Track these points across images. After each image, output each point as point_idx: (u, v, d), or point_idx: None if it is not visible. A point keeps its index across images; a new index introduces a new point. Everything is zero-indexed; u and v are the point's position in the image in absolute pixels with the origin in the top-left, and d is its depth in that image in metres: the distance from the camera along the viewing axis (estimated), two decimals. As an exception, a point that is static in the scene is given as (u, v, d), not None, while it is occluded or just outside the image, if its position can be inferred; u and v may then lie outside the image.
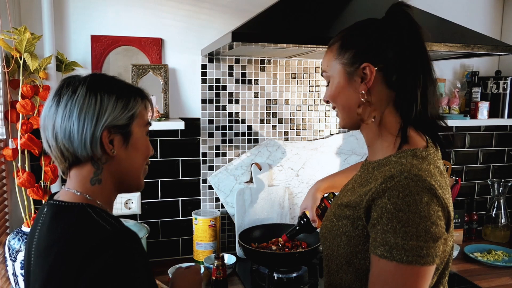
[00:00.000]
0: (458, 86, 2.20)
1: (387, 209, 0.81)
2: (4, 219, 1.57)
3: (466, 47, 1.54)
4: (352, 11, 1.57)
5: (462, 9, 2.21)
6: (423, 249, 0.79)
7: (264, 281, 1.64)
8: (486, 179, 2.35)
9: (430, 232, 0.79)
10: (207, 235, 1.84)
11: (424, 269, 0.80)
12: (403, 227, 0.79)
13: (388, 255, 0.80)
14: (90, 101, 0.84)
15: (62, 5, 1.70)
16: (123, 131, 0.88)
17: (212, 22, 1.87)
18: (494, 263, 1.89)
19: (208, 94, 1.91)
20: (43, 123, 0.87)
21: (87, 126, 0.83)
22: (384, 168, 0.89)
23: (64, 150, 0.85)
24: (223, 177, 1.95)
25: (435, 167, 0.87)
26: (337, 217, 0.95)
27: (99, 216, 0.82)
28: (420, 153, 0.89)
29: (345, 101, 0.96)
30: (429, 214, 0.80)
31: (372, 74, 0.90)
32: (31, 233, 0.90)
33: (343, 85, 0.95)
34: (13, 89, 1.55)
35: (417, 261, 0.79)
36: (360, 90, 0.92)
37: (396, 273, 0.80)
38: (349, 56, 0.93)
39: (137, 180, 0.95)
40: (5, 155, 1.50)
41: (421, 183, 0.81)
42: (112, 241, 0.78)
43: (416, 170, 0.83)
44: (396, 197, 0.80)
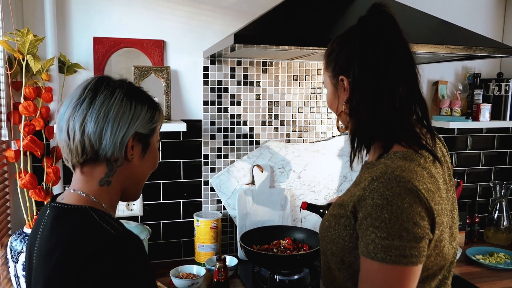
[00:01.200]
0: (460, 88, 2.20)
1: (371, 210, 0.83)
2: (6, 221, 1.58)
3: (468, 49, 1.54)
4: (354, 13, 1.57)
5: (464, 11, 2.21)
6: (406, 249, 0.80)
7: (266, 283, 1.64)
8: (488, 181, 2.35)
9: (413, 232, 0.80)
10: (208, 237, 1.84)
11: (408, 269, 0.81)
12: (385, 227, 0.80)
13: (373, 255, 0.81)
14: (126, 105, 0.87)
15: (64, 7, 1.70)
16: (145, 141, 0.92)
17: (214, 24, 1.87)
18: (496, 266, 1.88)
19: (210, 96, 1.91)
20: (69, 114, 0.86)
21: (120, 128, 0.86)
22: (372, 169, 0.91)
23: (87, 145, 0.85)
24: (224, 179, 1.95)
25: (423, 170, 0.87)
26: (332, 216, 0.97)
27: (102, 219, 0.82)
28: (410, 155, 0.89)
29: (336, 110, 1.03)
30: (411, 215, 0.80)
31: (348, 86, 0.96)
32: (33, 235, 0.90)
33: (332, 96, 1.03)
34: (15, 91, 1.55)
35: (400, 261, 0.80)
36: (342, 100, 0.99)
37: (380, 272, 0.81)
38: (331, 69, 1.01)
39: (139, 189, 0.99)
40: (7, 157, 1.50)
41: (403, 184, 0.82)
42: (115, 245, 0.78)
43: (399, 171, 0.84)
44: (379, 197, 0.82)
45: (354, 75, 0.93)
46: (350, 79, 0.95)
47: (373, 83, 0.91)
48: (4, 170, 1.55)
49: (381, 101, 0.90)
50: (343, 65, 0.97)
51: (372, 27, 0.92)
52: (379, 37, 0.91)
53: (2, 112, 1.52)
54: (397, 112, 0.91)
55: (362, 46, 0.92)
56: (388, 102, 0.90)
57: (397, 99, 0.90)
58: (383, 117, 0.91)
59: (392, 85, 0.90)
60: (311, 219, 2.05)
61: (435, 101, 2.22)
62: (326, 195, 2.08)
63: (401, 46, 0.93)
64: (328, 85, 1.03)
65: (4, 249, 1.52)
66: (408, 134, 0.93)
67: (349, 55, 0.95)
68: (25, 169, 1.53)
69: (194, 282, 1.62)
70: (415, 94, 0.94)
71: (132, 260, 0.79)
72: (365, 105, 0.92)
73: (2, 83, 1.51)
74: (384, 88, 0.90)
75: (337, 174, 2.09)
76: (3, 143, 1.54)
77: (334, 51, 0.99)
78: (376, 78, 0.90)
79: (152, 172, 0.99)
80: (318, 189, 2.06)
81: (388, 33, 0.92)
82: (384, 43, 0.91)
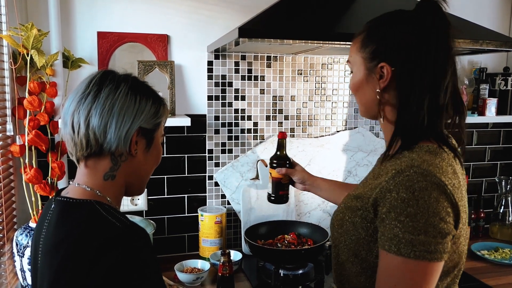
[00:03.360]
0: (466, 83, 2.18)
1: (396, 204, 0.80)
2: (11, 215, 1.58)
3: (475, 43, 1.52)
4: (360, 6, 1.56)
5: (470, 5, 2.19)
6: (431, 245, 0.78)
7: (270, 277, 1.64)
8: (494, 177, 2.33)
9: (439, 228, 0.79)
10: (213, 231, 1.84)
11: (431, 265, 0.79)
12: (411, 222, 0.79)
13: (396, 249, 0.80)
14: (131, 99, 0.87)
15: (68, 1, 1.70)
16: (149, 135, 0.92)
17: (218, 18, 1.86)
18: (502, 261, 1.88)
19: (214, 91, 1.91)
20: (74, 108, 0.86)
21: (125, 122, 0.86)
22: (395, 162, 0.88)
23: (92, 139, 0.85)
24: (229, 174, 1.95)
25: (448, 165, 0.86)
26: (347, 208, 0.95)
27: (108, 213, 0.82)
28: (435, 149, 0.88)
29: (363, 95, 0.97)
30: (438, 210, 0.79)
31: (389, 74, 0.90)
32: (38, 230, 0.90)
33: (362, 79, 0.95)
34: (20, 86, 1.55)
35: (424, 257, 0.78)
36: (376, 88, 0.92)
37: (403, 267, 0.80)
38: (370, 51, 0.93)
39: (143, 185, 0.98)
40: (12, 152, 1.51)
41: (430, 178, 0.80)
42: (122, 238, 0.79)
43: (426, 165, 0.82)
44: (405, 191, 0.80)
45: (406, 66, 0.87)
46: (394, 69, 0.89)
47: (427, 78, 0.86)
48: (9, 165, 1.56)
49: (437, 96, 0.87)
50: (387, 51, 0.89)
51: (429, 20, 0.87)
52: (434, 31, 0.87)
53: (7, 107, 1.52)
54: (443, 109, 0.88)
55: (418, 38, 0.86)
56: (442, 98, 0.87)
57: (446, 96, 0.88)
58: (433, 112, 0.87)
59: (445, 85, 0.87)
60: (315, 214, 2.05)
61: (440, 96, 2.20)
62: (331, 190, 2.07)
63: (451, 43, 0.89)
64: (360, 67, 0.95)
65: (10, 243, 1.53)
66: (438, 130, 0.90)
67: (398, 43, 0.88)
68: (30, 164, 1.53)
69: (199, 277, 1.62)
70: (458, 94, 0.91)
71: (140, 253, 0.79)
72: (418, 99, 0.86)
73: (6, 78, 1.51)
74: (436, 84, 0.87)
75: (342, 169, 2.08)
76: (8, 138, 1.55)
77: (378, 33, 0.92)
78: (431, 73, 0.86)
79: (155, 167, 0.99)
80: (322, 184, 2.06)
81: (442, 28, 0.88)
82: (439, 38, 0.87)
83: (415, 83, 0.87)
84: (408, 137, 0.90)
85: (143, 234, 0.83)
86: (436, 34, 0.87)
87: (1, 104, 1.50)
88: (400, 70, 0.88)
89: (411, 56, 0.87)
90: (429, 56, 0.86)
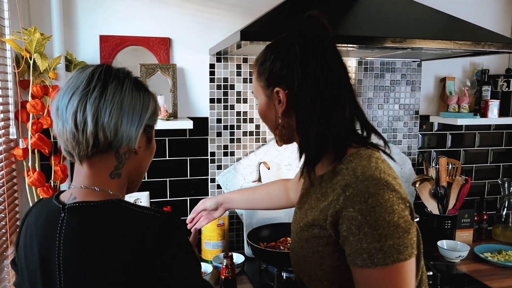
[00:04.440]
0: (468, 85, 2.18)
1: (354, 218, 0.80)
2: (14, 218, 1.59)
3: (477, 45, 1.52)
4: (361, 9, 1.57)
5: (472, 7, 2.19)
6: (400, 245, 0.79)
7: (273, 280, 1.64)
8: (496, 179, 2.33)
9: (401, 226, 0.80)
10: (215, 234, 1.84)
11: (406, 264, 0.80)
12: (374, 230, 0.78)
13: (370, 263, 0.79)
14: (136, 96, 0.85)
15: (71, 5, 1.71)
16: (149, 132, 0.91)
17: (220, 21, 1.87)
18: (505, 263, 1.87)
19: (216, 94, 1.91)
20: (76, 104, 0.80)
21: (134, 119, 0.84)
22: (337, 178, 0.88)
23: (101, 137, 0.80)
24: (231, 176, 1.95)
25: (381, 162, 0.88)
26: (306, 240, 0.93)
27: (137, 207, 0.81)
28: (365, 152, 0.89)
29: (269, 121, 0.98)
30: (394, 209, 0.80)
31: (284, 98, 0.91)
32: (44, 243, 0.81)
33: (265, 107, 0.97)
34: (23, 89, 1.56)
35: (398, 259, 0.79)
36: (278, 113, 0.94)
37: (383, 277, 0.80)
38: (264, 79, 0.95)
39: (140, 181, 0.96)
40: (15, 155, 1.51)
41: (376, 182, 0.81)
42: (171, 224, 0.79)
43: (368, 171, 0.83)
44: (358, 203, 0.80)
45: (296, 87, 0.88)
46: (287, 91, 0.90)
47: (318, 95, 0.87)
48: (12, 168, 1.56)
49: (330, 114, 0.87)
50: (278, 76, 0.91)
51: (308, 37, 0.89)
52: (316, 47, 0.88)
53: (10, 111, 1.53)
54: (346, 123, 0.89)
55: (302, 57, 0.87)
56: (337, 114, 0.88)
57: (346, 111, 0.89)
58: (334, 129, 0.88)
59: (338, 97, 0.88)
60: (317, 217, 2.04)
61: (442, 98, 2.20)
62: (333, 192, 2.07)
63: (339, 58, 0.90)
64: (260, 95, 0.97)
65: (13, 246, 1.53)
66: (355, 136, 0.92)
67: (286, 66, 0.90)
68: (33, 167, 1.53)
69: (201, 279, 1.62)
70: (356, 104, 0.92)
71: (186, 233, 0.83)
72: (313, 118, 0.87)
73: (9, 81, 1.52)
74: (330, 100, 0.87)
75: (344, 171, 2.08)
76: (11, 141, 1.55)
77: (268, 60, 0.93)
78: (321, 90, 0.87)
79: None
80: (324, 187, 2.06)
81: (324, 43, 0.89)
82: (322, 53, 0.88)
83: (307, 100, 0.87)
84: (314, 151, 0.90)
85: (181, 222, 0.85)
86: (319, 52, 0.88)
87: (4, 107, 1.51)
88: (291, 91, 0.90)
89: (296, 76, 0.88)
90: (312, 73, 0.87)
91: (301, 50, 0.88)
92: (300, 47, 0.88)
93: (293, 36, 0.91)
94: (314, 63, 0.87)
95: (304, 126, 0.89)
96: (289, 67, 0.89)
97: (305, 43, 0.89)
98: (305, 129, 0.89)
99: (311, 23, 0.90)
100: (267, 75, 0.94)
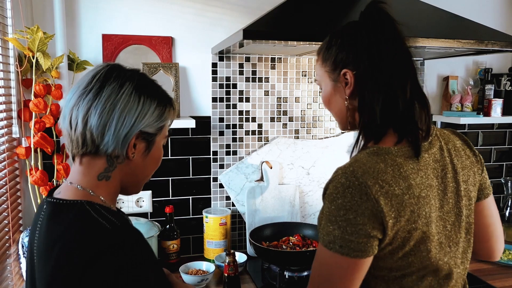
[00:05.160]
0: (471, 84, 2.18)
1: (326, 197, 0.86)
2: (17, 217, 1.59)
3: (480, 44, 1.52)
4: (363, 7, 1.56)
5: (475, 5, 2.18)
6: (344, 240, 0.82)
7: (275, 279, 1.64)
8: (499, 178, 2.32)
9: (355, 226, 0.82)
10: (217, 233, 1.84)
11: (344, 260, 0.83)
12: (331, 216, 0.84)
13: (320, 239, 0.87)
14: (134, 101, 0.83)
15: (73, 4, 1.71)
16: (149, 139, 0.88)
17: (222, 20, 1.87)
18: (508, 263, 1.86)
19: (219, 93, 1.91)
20: (74, 102, 0.82)
21: (125, 125, 0.82)
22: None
23: (88, 138, 0.81)
24: (233, 175, 1.95)
25: (388, 165, 0.86)
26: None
27: (99, 214, 0.80)
28: (378, 150, 0.89)
29: (335, 106, 1.00)
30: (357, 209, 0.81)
31: (352, 79, 0.93)
32: (32, 232, 0.87)
33: (330, 91, 0.99)
34: (26, 88, 1.56)
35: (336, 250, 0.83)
36: (345, 95, 0.95)
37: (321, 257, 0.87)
38: (330, 63, 0.97)
39: (139, 187, 0.95)
40: (18, 154, 1.51)
41: (354, 180, 0.83)
42: (112, 239, 0.77)
43: (355, 166, 0.85)
44: (333, 188, 0.85)
45: (363, 67, 0.90)
46: (355, 72, 0.92)
47: (384, 76, 0.89)
48: (15, 167, 1.56)
49: (395, 95, 0.89)
50: (345, 59, 0.94)
51: (373, 22, 0.92)
52: (381, 31, 0.91)
53: (13, 110, 1.53)
54: (408, 105, 0.90)
55: (368, 40, 0.90)
56: (401, 95, 0.89)
57: (408, 92, 0.89)
58: (397, 111, 0.89)
59: (402, 79, 0.90)
60: (320, 216, 2.04)
61: (445, 97, 2.20)
62: (335, 191, 2.07)
63: (402, 41, 0.92)
64: (325, 80, 0.99)
65: (16, 245, 1.54)
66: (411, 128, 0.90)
67: (352, 50, 0.93)
68: (35, 166, 1.54)
69: (204, 279, 1.62)
70: (418, 87, 0.93)
71: (131, 253, 0.76)
72: (379, 99, 0.89)
73: (12, 80, 1.52)
74: (395, 81, 0.89)
75: (346, 170, 2.07)
76: (14, 140, 1.55)
77: (334, 45, 0.96)
78: (386, 71, 0.89)
79: (155, 170, 0.95)
80: (327, 186, 2.06)
81: (388, 28, 0.92)
82: (387, 37, 0.90)
83: (371, 83, 0.90)
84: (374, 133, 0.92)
85: (133, 233, 0.80)
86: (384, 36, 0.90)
87: (7, 106, 1.51)
88: (359, 72, 0.92)
89: (362, 58, 0.91)
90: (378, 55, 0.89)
91: (367, 34, 0.91)
92: (366, 32, 0.91)
93: (358, 22, 0.94)
94: (379, 46, 0.90)
95: (369, 106, 0.91)
96: (356, 51, 0.92)
97: (371, 28, 0.91)
98: (370, 108, 0.90)
99: (375, 9, 0.93)
100: (334, 59, 0.96)
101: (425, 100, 0.93)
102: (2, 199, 1.43)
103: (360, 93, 0.92)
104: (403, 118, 0.90)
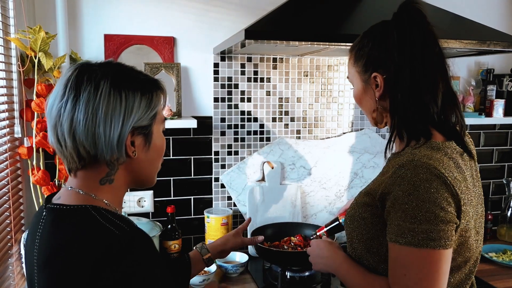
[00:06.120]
0: (473, 84, 2.17)
1: (398, 196, 0.84)
2: (19, 217, 1.59)
3: (482, 44, 1.52)
4: (365, 7, 1.56)
5: (477, 5, 2.18)
6: (433, 232, 0.81)
7: (277, 279, 1.64)
8: (501, 178, 2.32)
9: (440, 216, 0.82)
10: (219, 233, 1.84)
11: (437, 253, 0.82)
12: (412, 212, 0.82)
13: (401, 240, 0.84)
14: (115, 100, 0.76)
15: (75, 4, 1.71)
16: (146, 131, 0.82)
17: (224, 20, 1.87)
18: (509, 263, 1.86)
19: (220, 93, 1.91)
20: (54, 119, 0.77)
21: (113, 128, 0.76)
22: (399, 159, 0.91)
23: (82, 151, 0.77)
24: (235, 176, 1.95)
25: (449, 159, 0.89)
26: (358, 204, 0.98)
27: (105, 219, 0.76)
28: (436, 145, 0.91)
29: (366, 105, 1.02)
30: (438, 199, 0.82)
31: (382, 82, 0.95)
32: (30, 241, 0.82)
33: (361, 91, 1.01)
34: (28, 88, 1.56)
35: (428, 244, 0.81)
36: (374, 97, 0.98)
37: (409, 257, 0.83)
38: (362, 64, 0.99)
39: (151, 179, 0.90)
40: (20, 154, 1.52)
41: (429, 170, 0.83)
42: (122, 245, 0.73)
43: (426, 159, 0.85)
44: (406, 184, 0.83)
45: (393, 72, 0.91)
46: (385, 76, 0.94)
47: (413, 79, 0.90)
48: (17, 167, 1.57)
49: (425, 98, 0.90)
50: (376, 61, 0.95)
51: (406, 24, 0.92)
52: (413, 33, 0.91)
53: (15, 109, 1.53)
54: (440, 107, 0.92)
55: (399, 42, 0.91)
56: (432, 98, 0.91)
57: (439, 95, 0.91)
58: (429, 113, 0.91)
59: (433, 81, 0.91)
60: (321, 216, 2.04)
61: (447, 97, 2.19)
62: (337, 191, 2.07)
63: (434, 42, 0.93)
64: (357, 80, 1.02)
65: (17, 245, 1.54)
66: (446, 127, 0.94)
67: (384, 51, 0.93)
68: (37, 165, 1.54)
69: (206, 278, 1.62)
70: (450, 89, 0.95)
71: (141, 259, 0.74)
72: (409, 102, 0.91)
73: (14, 80, 1.52)
74: (424, 84, 0.90)
75: (348, 170, 2.07)
76: (16, 140, 1.56)
77: (366, 47, 0.98)
78: (416, 74, 0.90)
79: (162, 157, 0.90)
80: (329, 186, 2.06)
81: (421, 29, 0.92)
82: (419, 39, 0.91)
83: (400, 87, 0.91)
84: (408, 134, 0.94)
85: (144, 238, 0.77)
86: (416, 37, 0.91)
87: (9, 106, 1.51)
88: (390, 76, 0.93)
89: (396, 61, 0.91)
90: (412, 59, 0.90)
91: (399, 35, 0.91)
92: (398, 32, 0.91)
93: (390, 22, 0.95)
94: (411, 48, 0.90)
95: (400, 108, 0.93)
96: (387, 53, 0.93)
97: (402, 28, 0.92)
98: (401, 111, 0.93)
99: (407, 9, 0.93)
100: (365, 61, 0.98)
101: (456, 100, 0.95)
102: (4, 198, 1.43)
103: (391, 96, 0.94)
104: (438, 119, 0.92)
